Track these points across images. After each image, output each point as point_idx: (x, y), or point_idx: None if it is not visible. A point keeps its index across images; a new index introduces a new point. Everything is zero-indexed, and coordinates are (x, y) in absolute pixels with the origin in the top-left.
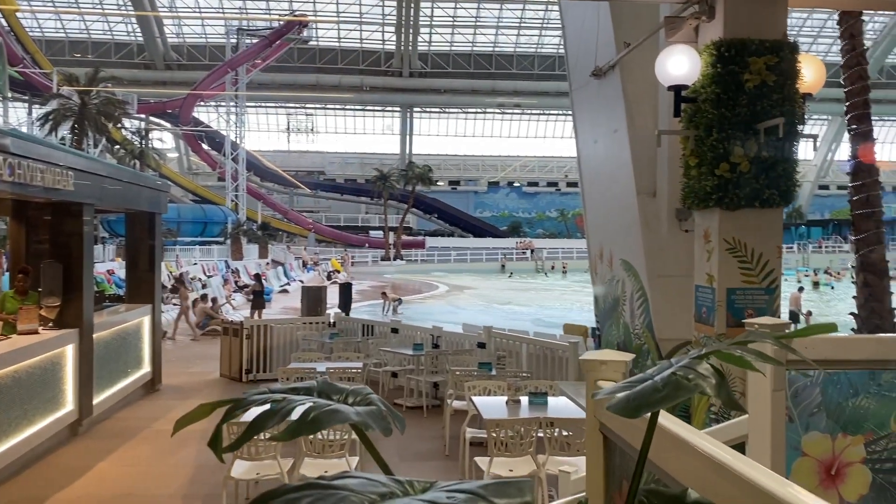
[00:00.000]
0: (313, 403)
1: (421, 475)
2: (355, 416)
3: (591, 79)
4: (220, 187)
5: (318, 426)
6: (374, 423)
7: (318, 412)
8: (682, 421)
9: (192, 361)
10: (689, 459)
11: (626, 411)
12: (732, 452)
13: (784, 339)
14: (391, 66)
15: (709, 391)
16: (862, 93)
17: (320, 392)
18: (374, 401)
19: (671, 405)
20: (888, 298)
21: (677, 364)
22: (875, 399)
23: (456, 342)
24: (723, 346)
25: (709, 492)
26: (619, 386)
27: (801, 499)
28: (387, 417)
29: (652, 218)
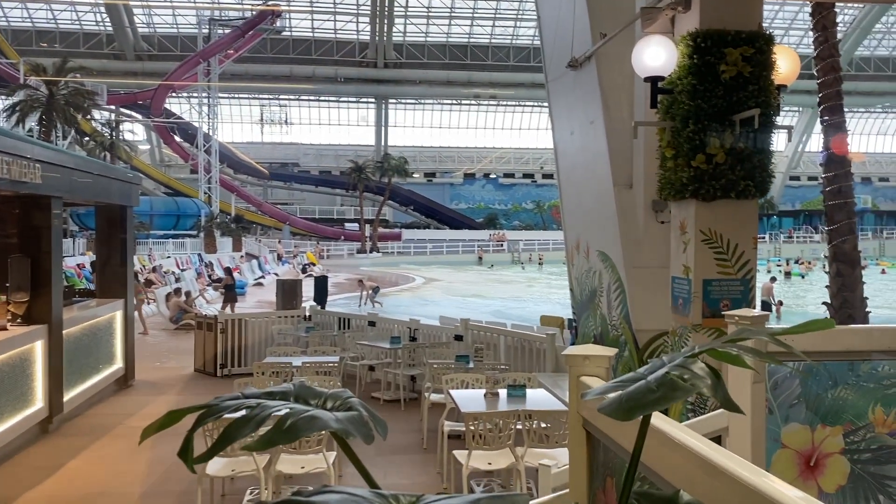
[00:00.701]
0: (290, 410)
1: (398, 469)
2: (335, 423)
3: (568, 70)
4: (193, 179)
5: (295, 434)
6: (354, 430)
7: (295, 419)
8: (666, 416)
9: (166, 356)
10: (676, 457)
11: (619, 413)
12: (722, 451)
13: (780, 336)
14: (366, 56)
15: (705, 392)
16: (834, 84)
17: (297, 396)
18: (354, 405)
19: (666, 406)
20: (860, 288)
21: (671, 363)
22: (854, 390)
23: (433, 335)
24: (717, 345)
25: (697, 490)
26: (609, 385)
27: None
28: (368, 423)
29: (628, 209)
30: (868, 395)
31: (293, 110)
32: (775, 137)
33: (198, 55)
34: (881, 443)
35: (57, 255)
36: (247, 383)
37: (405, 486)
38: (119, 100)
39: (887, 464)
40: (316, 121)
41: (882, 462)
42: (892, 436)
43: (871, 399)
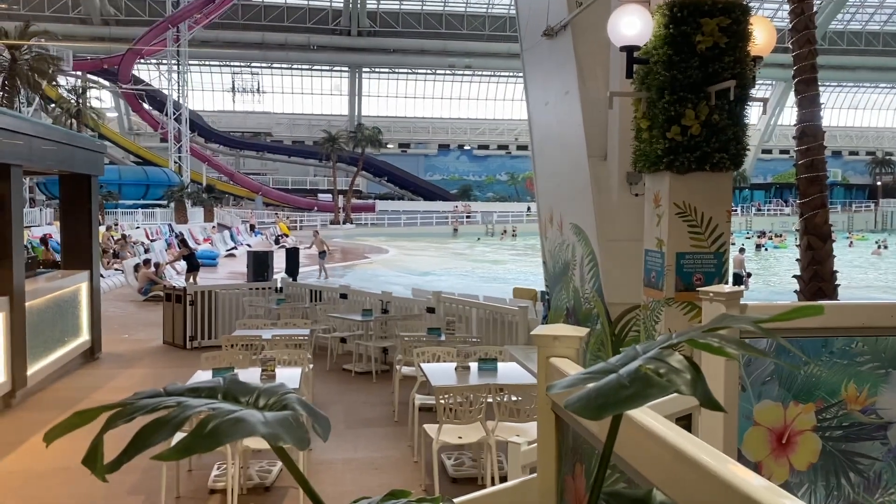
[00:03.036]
0: (212, 411)
1: (369, 442)
2: (262, 427)
3: (543, 39)
4: (163, 148)
5: (216, 440)
6: (285, 434)
7: (217, 422)
8: None
9: (134, 328)
10: (649, 447)
11: (588, 412)
12: (701, 444)
13: (763, 324)
14: (339, 24)
15: (684, 389)
16: (809, 57)
17: (226, 393)
18: (290, 402)
19: (640, 405)
20: (830, 261)
21: (645, 355)
22: (826, 367)
23: (405, 307)
24: (696, 334)
25: (668, 482)
26: (578, 377)
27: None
28: (303, 425)
29: (603, 182)
30: (841, 371)
31: (265, 79)
32: (750, 110)
33: (167, 20)
34: (853, 420)
35: (17, 226)
36: (215, 356)
37: (376, 459)
38: (85, 66)
39: (858, 441)
40: (289, 89)
41: (853, 439)
42: (864, 413)
43: (844, 376)
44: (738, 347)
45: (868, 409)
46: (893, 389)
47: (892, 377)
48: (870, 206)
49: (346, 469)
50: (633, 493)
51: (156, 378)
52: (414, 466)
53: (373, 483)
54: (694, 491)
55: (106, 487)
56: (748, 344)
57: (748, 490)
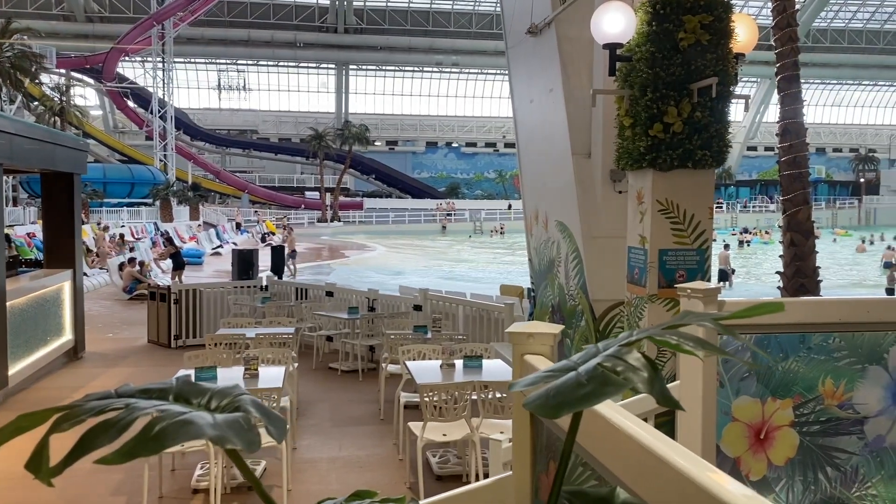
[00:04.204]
0: (159, 413)
1: (354, 440)
2: (210, 430)
3: (527, 37)
4: (148, 147)
5: (162, 443)
6: (234, 437)
7: (163, 425)
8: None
9: (119, 327)
10: (619, 446)
11: (545, 410)
12: (669, 441)
13: (723, 322)
14: (325, 21)
15: (640, 387)
16: (791, 54)
17: (177, 395)
18: (243, 404)
19: (597, 403)
20: (813, 257)
21: (605, 352)
22: (804, 362)
23: (392, 305)
24: (656, 332)
25: (638, 481)
26: (539, 375)
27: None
28: (254, 427)
29: (587, 179)
30: (818, 367)
31: (251, 76)
32: (733, 107)
33: (151, 18)
34: (830, 415)
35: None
36: (198, 355)
37: (361, 458)
38: (69, 63)
39: (836, 436)
40: (275, 87)
41: (830, 434)
42: (841, 408)
43: (821, 371)
44: (695, 344)
45: (845, 405)
46: (870, 385)
47: (869, 372)
48: (853, 203)
49: (330, 468)
50: (597, 492)
51: (139, 377)
52: (399, 464)
53: (358, 481)
54: (659, 487)
55: (88, 487)
56: (706, 342)
57: (713, 488)
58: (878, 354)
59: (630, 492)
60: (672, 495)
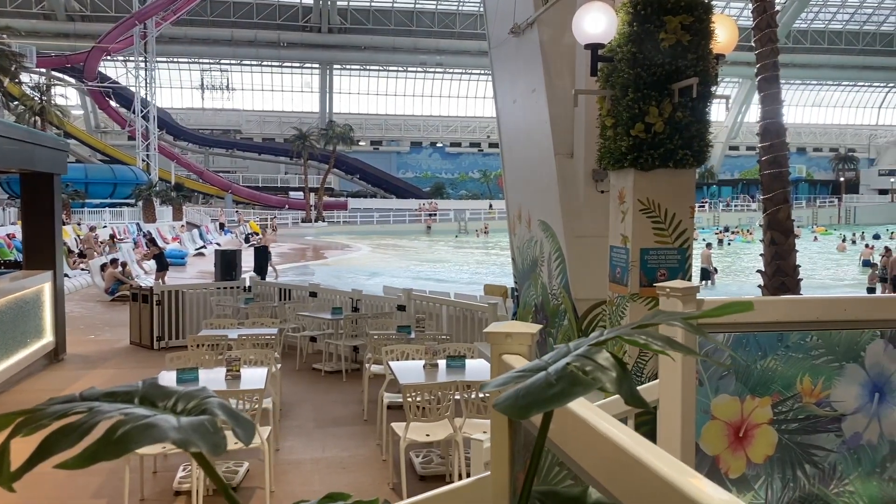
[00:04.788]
0: (123, 416)
1: (337, 441)
2: (174, 433)
3: (510, 36)
4: (131, 146)
5: (125, 446)
6: (199, 440)
7: (126, 428)
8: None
9: (101, 329)
10: (593, 446)
11: (514, 411)
12: (642, 440)
13: (693, 320)
14: (309, 21)
15: (608, 386)
16: (771, 55)
17: (143, 398)
18: (210, 407)
19: (565, 403)
20: (793, 256)
21: (574, 352)
22: (782, 360)
23: (376, 305)
24: (625, 331)
25: (612, 483)
26: (510, 376)
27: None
28: (220, 430)
29: (569, 179)
30: (796, 365)
31: (235, 76)
32: (714, 108)
33: (133, 17)
34: (808, 413)
35: None
36: (180, 357)
37: (344, 459)
38: (49, 63)
39: (814, 433)
40: (258, 87)
41: (809, 432)
42: (818, 405)
43: (800, 369)
44: (663, 343)
45: (823, 402)
46: (847, 382)
47: (846, 370)
48: (833, 202)
49: (314, 469)
50: (568, 492)
51: (121, 379)
52: (382, 465)
53: (341, 482)
54: (632, 487)
55: (68, 491)
56: (675, 341)
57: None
58: (854, 352)
59: (604, 491)
60: (645, 495)
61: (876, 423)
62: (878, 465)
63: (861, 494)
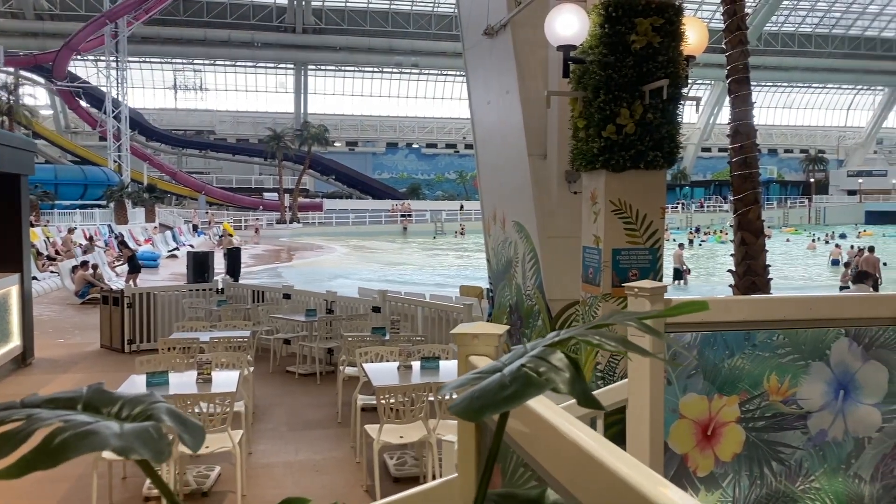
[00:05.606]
0: (63, 423)
1: (311, 444)
2: (115, 440)
3: (484, 38)
4: (102, 147)
5: (63, 454)
6: (141, 447)
7: (65, 436)
8: (550, 401)
9: (70, 332)
10: (555, 446)
11: (468, 413)
12: (602, 441)
13: (647, 320)
14: (284, 21)
15: (561, 387)
16: (741, 57)
17: (87, 404)
18: (156, 412)
19: (519, 405)
20: (763, 256)
21: (530, 353)
22: (749, 359)
23: (351, 307)
24: (579, 331)
25: (573, 484)
26: (467, 378)
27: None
28: (165, 437)
29: (543, 180)
30: (763, 364)
31: (209, 76)
32: (685, 109)
33: (104, 16)
34: (775, 411)
35: None
36: (150, 360)
37: (317, 461)
38: (17, 62)
39: (780, 431)
40: (232, 87)
41: (776, 429)
42: (785, 403)
43: (766, 368)
44: (617, 344)
45: (789, 400)
46: (813, 380)
47: (812, 368)
48: (804, 203)
49: (286, 472)
50: (526, 494)
51: (90, 383)
52: (356, 467)
53: (314, 485)
54: (591, 487)
55: (35, 497)
56: (629, 341)
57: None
58: (820, 351)
59: (564, 492)
60: (604, 495)
61: (841, 419)
62: (844, 462)
63: (827, 491)
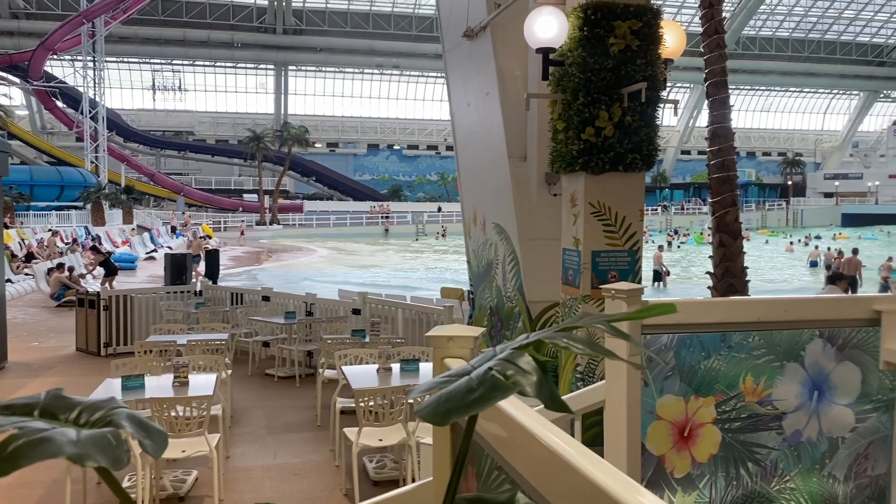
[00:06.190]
0: (17, 430)
1: (290, 447)
2: (70, 448)
3: (464, 40)
4: (79, 148)
5: (16, 462)
6: (98, 455)
7: (18, 443)
8: (524, 405)
9: (45, 335)
10: (527, 448)
11: (436, 417)
12: (574, 443)
13: (614, 322)
14: (264, 22)
15: (528, 390)
16: (719, 60)
17: (44, 410)
18: (116, 419)
19: (486, 408)
20: (741, 258)
21: (499, 356)
22: (725, 360)
23: (330, 309)
24: (547, 334)
25: (547, 488)
26: (436, 381)
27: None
28: (123, 443)
29: (523, 182)
30: (739, 365)
31: (188, 76)
32: (664, 112)
33: (81, 15)
34: (751, 411)
35: None
36: (126, 363)
37: (296, 465)
38: None
39: (756, 431)
40: (212, 88)
41: (751, 430)
42: (761, 404)
43: (742, 369)
44: (583, 346)
45: (765, 401)
46: (788, 381)
47: (787, 369)
48: (781, 205)
49: (265, 476)
50: (495, 498)
51: (65, 387)
52: (335, 471)
53: (292, 489)
54: (562, 490)
55: (8, 503)
56: (595, 343)
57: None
58: (795, 352)
59: (537, 496)
60: (577, 500)
61: (815, 420)
62: (818, 462)
63: (801, 491)
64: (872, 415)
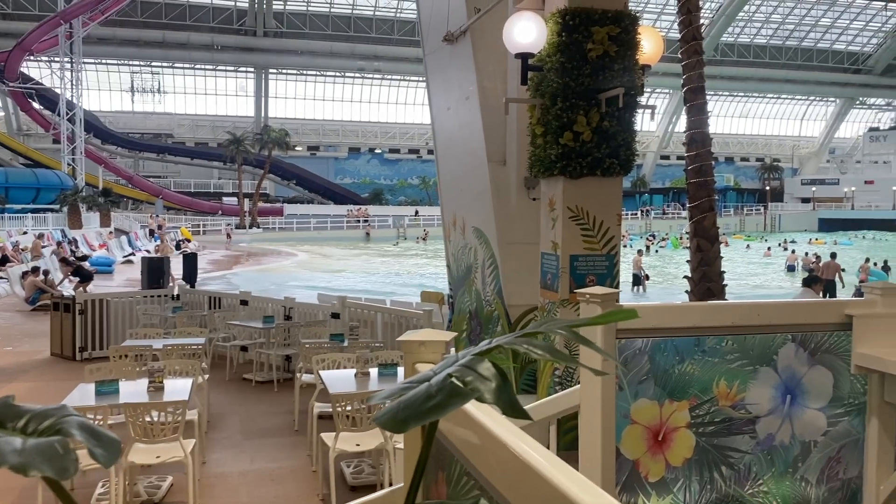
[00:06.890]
0: None
1: (267, 453)
2: (14, 457)
3: (444, 44)
4: (56, 150)
5: None
6: (43, 464)
7: None
8: (493, 410)
9: (19, 339)
10: (497, 456)
11: (393, 424)
12: (539, 448)
13: (575, 328)
14: (244, 24)
15: (487, 397)
16: (697, 66)
17: None
18: (66, 427)
19: (445, 415)
20: (718, 262)
21: (459, 362)
22: (699, 365)
23: (309, 313)
24: (508, 339)
25: (513, 494)
26: (398, 387)
27: None
28: (71, 452)
29: (502, 186)
30: (712, 369)
31: (167, 78)
32: (643, 117)
33: (58, 16)
34: (724, 415)
35: None
36: (100, 368)
37: (273, 470)
38: None
39: (729, 435)
40: (191, 90)
41: (725, 434)
42: (734, 408)
43: (716, 373)
44: (543, 351)
45: (738, 405)
46: (761, 385)
47: (760, 373)
48: (759, 210)
49: (241, 482)
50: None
51: (39, 393)
52: (312, 476)
53: (269, 495)
54: (528, 495)
55: None
56: (556, 349)
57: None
58: (767, 356)
59: (503, 500)
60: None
61: (788, 424)
62: (791, 465)
63: (774, 494)
64: (844, 419)
